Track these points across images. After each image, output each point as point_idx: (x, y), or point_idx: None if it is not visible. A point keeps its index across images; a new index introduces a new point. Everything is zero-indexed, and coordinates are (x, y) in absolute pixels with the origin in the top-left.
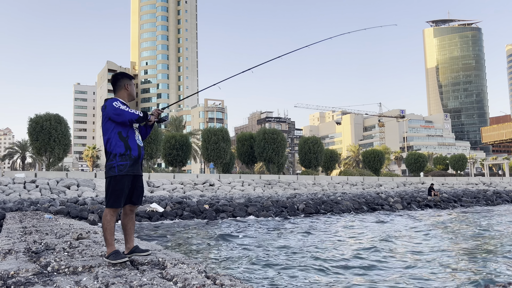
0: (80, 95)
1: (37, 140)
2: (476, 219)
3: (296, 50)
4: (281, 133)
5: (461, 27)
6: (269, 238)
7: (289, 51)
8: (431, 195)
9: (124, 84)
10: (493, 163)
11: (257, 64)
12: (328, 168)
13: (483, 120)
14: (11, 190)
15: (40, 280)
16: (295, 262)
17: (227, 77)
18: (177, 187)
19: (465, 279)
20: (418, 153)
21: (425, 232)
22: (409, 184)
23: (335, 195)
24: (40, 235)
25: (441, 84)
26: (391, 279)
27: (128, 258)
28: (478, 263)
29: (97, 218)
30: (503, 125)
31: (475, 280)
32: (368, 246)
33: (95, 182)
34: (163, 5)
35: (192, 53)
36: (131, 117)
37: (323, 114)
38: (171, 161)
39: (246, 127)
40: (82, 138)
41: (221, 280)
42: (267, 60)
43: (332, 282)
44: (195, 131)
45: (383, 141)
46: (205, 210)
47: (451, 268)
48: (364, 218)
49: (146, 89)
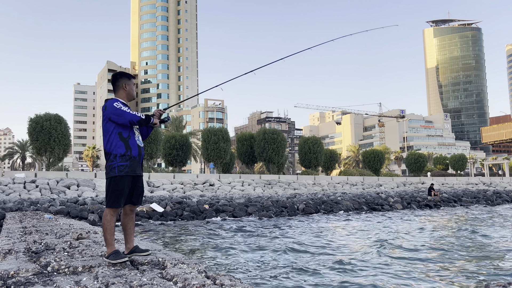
0: (80, 95)
1: (37, 140)
2: (476, 219)
3: (299, 52)
4: (281, 133)
5: (461, 27)
6: (269, 238)
7: (291, 53)
8: (431, 195)
9: (123, 84)
10: (493, 163)
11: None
12: (328, 168)
13: (483, 120)
14: (11, 190)
15: (40, 280)
16: (295, 262)
17: (229, 79)
18: (177, 187)
19: (465, 279)
20: (418, 153)
21: (424, 232)
22: (409, 184)
23: (335, 195)
24: (40, 235)
25: (441, 84)
26: (391, 279)
27: (128, 258)
28: (478, 263)
29: (97, 218)
30: (503, 125)
31: (475, 280)
32: (368, 246)
33: (95, 182)
34: (163, 5)
35: (192, 53)
36: (132, 118)
37: (323, 114)
38: (171, 161)
39: (246, 127)
40: (82, 138)
41: (221, 280)
42: (270, 62)
43: (333, 282)
44: (195, 131)
45: (383, 141)
46: (205, 210)
47: (451, 268)
48: (364, 218)
49: (146, 89)
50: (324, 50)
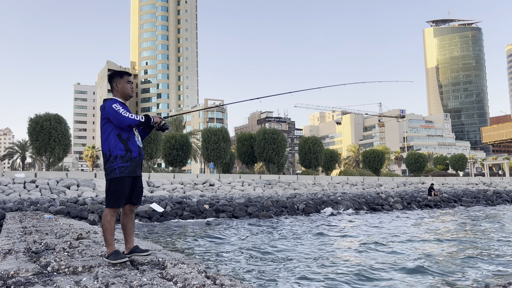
0: (80, 95)
1: (37, 140)
2: (476, 219)
3: (307, 90)
4: (281, 133)
5: (461, 27)
6: (269, 238)
7: (300, 89)
8: (431, 195)
9: (115, 83)
10: (493, 163)
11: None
12: (328, 168)
13: (483, 120)
14: (11, 190)
15: (40, 280)
16: (295, 262)
17: (234, 102)
18: (177, 187)
19: (465, 279)
20: (418, 153)
21: (424, 232)
22: (409, 184)
23: (335, 195)
24: (40, 235)
25: (441, 84)
26: (391, 280)
27: (128, 258)
28: (478, 263)
29: (97, 218)
30: (503, 125)
31: (475, 280)
32: (367, 246)
33: (95, 182)
34: (163, 5)
35: (192, 53)
36: (130, 123)
37: (323, 114)
38: (171, 161)
39: (246, 127)
40: (82, 138)
41: (221, 280)
42: (276, 94)
43: (333, 283)
44: (195, 131)
45: (383, 141)
46: (205, 210)
47: (451, 268)
48: (364, 218)
49: (146, 89)
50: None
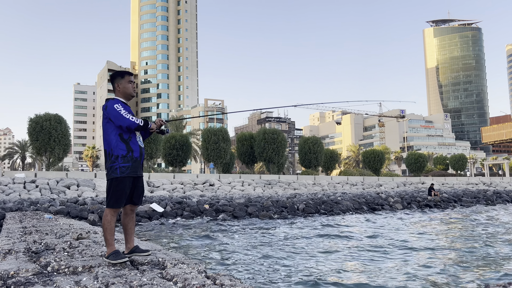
0: (80, 95)
1: (37, 140)
2: (476, 219)
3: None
4: (281, 133)
5: (461, 27)
6: (269, 238)
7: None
8: (431, 195)
9: (116, 84)
10: (493, 163)
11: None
12: (328, 168)
13: (483, 120)
14: (11, 190)
15: (40, 280)
16: (295, 262)
17: (236, 111)
18: (177, 187)
19: (465, 279)
20: (418, 153)
21: (424, 232)
22: (409, 184)
23: (335, 195)
24: (40, 235)
25: (441, 84)
26: (391, 280)
27: (128, 258)
28: (478, 263)
29: (97, 218)
30: (503, 125)
31: (475, 280)
32: (366, 246)
33: (95, 182)
34: (163, 5)
35: (192, 53)
36: (129, 125)
37: (323, 114)
38: (171, 161)
39: (246, 127)
40: (82, 138)
41: (221, 280)
42: (280, 106)
43: (333, 283)
44: (195, 131)
45: (383, 141)
46: (205, 210)
47: (451, 268)
48: (364, 217)
49: (146, 89)
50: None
